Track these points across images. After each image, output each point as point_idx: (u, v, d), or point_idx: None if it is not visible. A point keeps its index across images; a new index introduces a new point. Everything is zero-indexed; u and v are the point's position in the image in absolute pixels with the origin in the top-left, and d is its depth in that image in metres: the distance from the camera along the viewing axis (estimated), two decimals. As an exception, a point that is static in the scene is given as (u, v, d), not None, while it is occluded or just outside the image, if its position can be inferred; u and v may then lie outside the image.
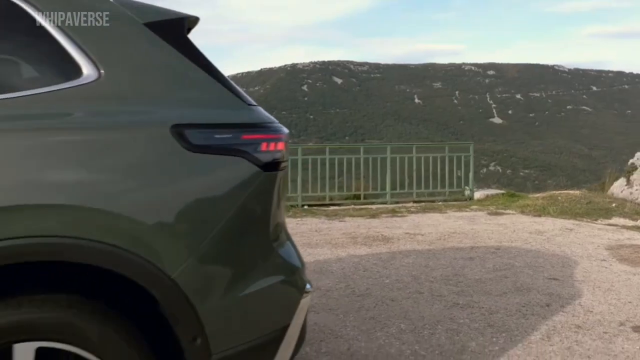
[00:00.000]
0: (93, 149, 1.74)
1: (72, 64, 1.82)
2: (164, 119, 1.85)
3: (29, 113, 1.70)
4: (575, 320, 3.77)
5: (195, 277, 1.80)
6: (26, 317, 1.62)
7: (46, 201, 1.62)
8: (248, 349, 1.93)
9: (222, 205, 1.90)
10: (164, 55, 1.99)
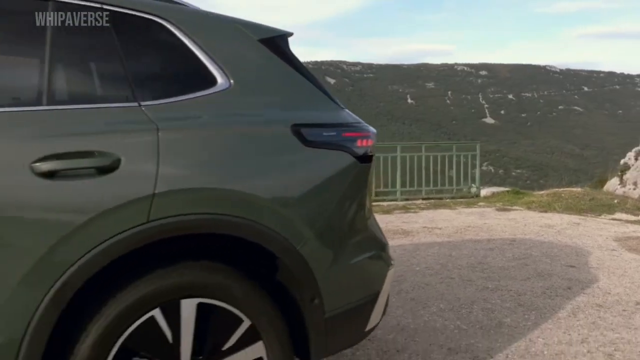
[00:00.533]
0: (236, 144, 2.14)
1: (209, 76, 2.23)
2: (285, 120, 2.26)
3: (188, 115, 2.10)
4: (595, 300, 4.19)
5: (313, 249, 2.21)
6: (190, 279, 2.02)
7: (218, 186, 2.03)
8: (351, 310, 2.34)
9: (331, 190, 2.31)
10: (276, 67, 2.40)
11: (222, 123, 2.18)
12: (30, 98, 1.95)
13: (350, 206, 2.38)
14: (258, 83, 2.33)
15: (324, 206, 2.28)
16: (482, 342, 3.43)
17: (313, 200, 2.26)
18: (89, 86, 2.09)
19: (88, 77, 2.11)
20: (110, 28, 2.11)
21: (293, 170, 2.24)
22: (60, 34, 2.02)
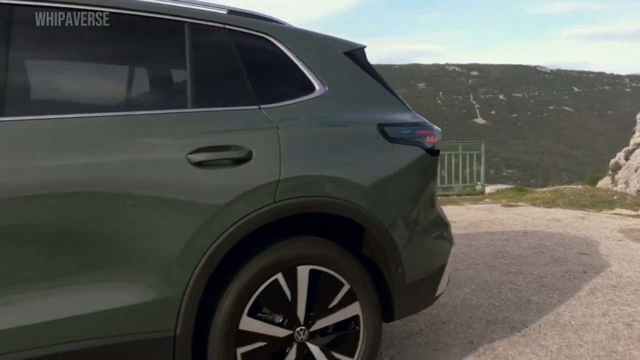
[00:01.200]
0: (336, 139, 2.61)
1: (309, 84, 2.69)
2: (372, 120, 2.73)
3: (297, 116, 2.57)
4: (610, 282, 4.69)
5: (397, 226, 2.68)
6: (304, 250, 2.48)
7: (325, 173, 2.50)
8: (425, 278, 2.82)
9: (409, 178, 2.79)
10: (359, 75, 2.87)
11: (323, 122, 2.64)
12: (181, 103, 2.40)
13: (424, 192, 2.86)
14: (347, 89, 2.80)
15: (404, 191, 2.76)
16: (515, 315, 3.91)
17: (396, 186, 2.73)
18: (220, 92, 2.54)
19: (219, 84, 2.56)
20: (232, 44, 2.57)
21: (381, 162, 2.71)
22: (196, 50, 2.48)
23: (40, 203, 2.03)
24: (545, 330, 3.62)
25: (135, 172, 2.18)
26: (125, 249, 2.14)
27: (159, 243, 2.19)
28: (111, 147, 2.17)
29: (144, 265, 2.17)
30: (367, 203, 2.58)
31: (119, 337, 2.13)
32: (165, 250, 2.20)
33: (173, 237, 2.21)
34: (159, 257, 2.19)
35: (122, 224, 2.14)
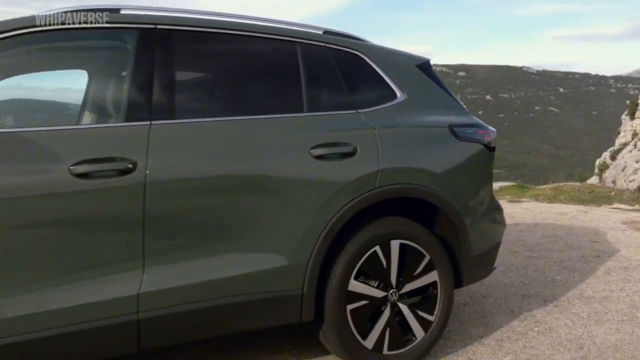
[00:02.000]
0: (417, 137, 3.20)
1: (391, 92, 3.27)
2: (444, 122, 3.32)
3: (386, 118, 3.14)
4: (622, 265, 5.31)
5: (465, 208, 3.26)
6: (396, 228, 3.06)
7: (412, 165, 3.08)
8: (485, 252, 3.41)
9: (474, 169, 3.38)
10: (429, 84, 3.46)
11: (406, 124, 3.23)
12: (300, 108, 2.97)
13: (485, 181, 3.45)
14: (421, 96, 3.38)
15: (470, 180, 3.35)
16: (544, 291, 4.51)
17: (464, 175, 3.32)
18: (327, 99, 3.11)
19: (325, 92, 3.12)
20: (332, 59, 3.15)
21: (452, 156, 3.29)
22: (307, 65, 3.06)
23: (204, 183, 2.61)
24: (573, 302, 4.23)
25: (272, 163, 2.75)
26: (267, 225, 2.72)
27: (290, 221, 2.77)
28: (256, 143, 2.74)
29: (281, 238, 2.74)
30: (443, 189, 3.17)
31: (265, 292, 2.71)
32: (295, 227, 2.78)
33: (301, 216, 2.79)
34: (291, 231, 2.77)
35: (265, 205, 2.71)
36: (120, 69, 2.75)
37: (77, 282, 2.36)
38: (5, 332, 2.21)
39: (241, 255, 2.69)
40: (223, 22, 2.93)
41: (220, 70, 2.96)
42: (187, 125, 2.66)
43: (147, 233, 2.46)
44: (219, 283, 2.63)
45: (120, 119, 2.58)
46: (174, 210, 2.55)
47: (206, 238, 2.62)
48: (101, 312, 2.38)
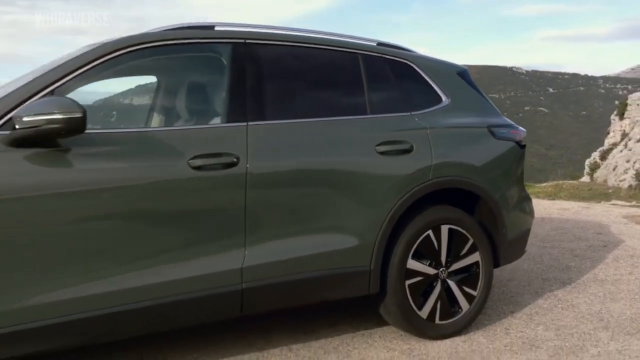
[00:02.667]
0: (460, 136, 3.68)
1: (436, 96, 3.76)
2: (483, 123, 3.81)
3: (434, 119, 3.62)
4: (628, 253, 5.82)
5: (502, 197, 3.75)
6: (446, 214, 3.55)
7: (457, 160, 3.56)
8: (518, 237, 3.90)
9: (509, 164, 3.87)
10: (469, 90, 3.94)
11: (451, 125, 3.70)
12: (364, 111, 3.45)
13: (518, 174, 3.94)
14: (463, 100, 3.86)
15: (506, 173, 3.84)
16: (561, 275, 5.01)
17: (501, 169, 3.81)
18: (384, 103, 3.59)
19: (383, 97, 3.60)
20: (388, 68, 3.63)
21: (491, 152, 3.78)
22: (368, 73, 3.53)
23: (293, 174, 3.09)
24: (588, 284, 4.73)
25: (345, 157, 3.23)
26: (342, 211, 3.19)
27: (361, 208, 3.25)
28: (332, 140, 3.22)
29: (353, 222, 3.22)
30: (484, 181, 3.65)
31: (340, 268, 3.19)
32: (365, 213, 3.25)
33: (370, 202, 3.27)
34: (361, 217, 3.24)
35: (340, 194, 3.19)
36: (218, 77, 3.21)
37: (193, 256, 2.82)
38: (145, 295, 2.68)
39: (321, 236, 3.16)
40: (299, 36, 3.41)
41: (298, 77, 3.43)
42: (276, 125, 3.13)
43: (248, 217, 2.93)
44: (304, 260, 3.10)
45: (223, 120, 3.04)
46: (269, 197, 3.02)
47: (294, 221, 3.09)
48: (213, 282, 2.85)
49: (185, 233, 2.81)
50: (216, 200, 2.89)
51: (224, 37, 3.19)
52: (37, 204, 2.50)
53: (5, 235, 2.43)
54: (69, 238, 2.57)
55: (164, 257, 2.77)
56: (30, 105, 2.49)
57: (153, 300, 2.73)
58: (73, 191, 2.57)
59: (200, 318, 2.96)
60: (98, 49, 2.83)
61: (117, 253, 2.66)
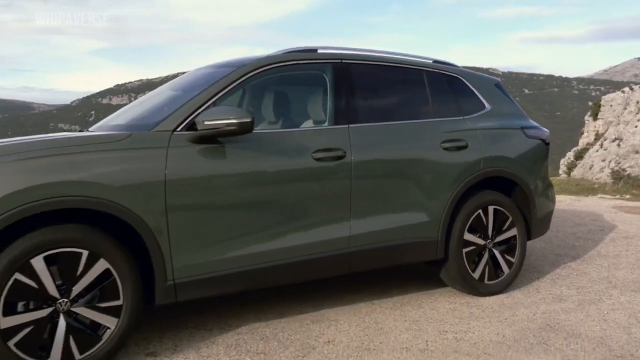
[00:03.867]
0: (501, 136, 4.63)
1: (481, 103, 4.71)
2: (517, 125, 4.77)
3: (482, 122, 4.57)
4: (622, 235, 6.84)
5: (533, 184, 4.71)
6: (490, 198, 4.50)
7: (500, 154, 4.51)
8: (544, 217, 4.87)
9: (537, 158, 4.83)
10: (504, 97, 4.90)
11: (494, 126, 4.64)
12: (429, 115, 4.38)
13: (544, 166, 4.91)
14: (500, 107, 4.81)
15: (535, 165, 4.79)
16: (570, 252, 6.00)
17: (532, 162, 4.76)
18: (443, 109, 4.51)
19: (442, 104, 4.53)
20: (444, 81, 4.57)
21: (524, 148, 4.72)
22: (430, 85, 4.47)
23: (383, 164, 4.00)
24: (594, 258, 5.72)
25: (420, 151, 4.16)
26: (418, 193, 4.12)
27: (431, 191, 4.17)
28: (410, 138, 4.15)
29: (425, 202, 4.15)
30: (521, 171, 4.60)
31: (414, 238, 4.11)
32: (434, 195, 4.18)
33: (437, 187, 4.19)
34: (432, 198, 4.17)
35: (417, 180, 4.11)
36: (323, 89, 4.10)
37: (316, 226, 3.73)
38: (298, 254, 3.60)
39: (402, 214, 4.08)
40: (380, 56, 4.34)
41: (381, 89, 4.34)
42: (368, 126, 4.04)
43: (352, 197, 3.84)
44: (390, 231, 4.02)
45: (330, 123, 3.95)
46: (367, 182, 3.93)
47: (383, 201, 4.00)
48: (330, 246, 3.75)
49: (312, 208, 3.72)
50: (331, 184, 3.79)
51: (325, 58, 4.10)
52: (213, 184, 3.38)
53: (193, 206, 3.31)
54: (237, 209, 3.46)
55: (296, 225, 3.66)
56: (209, 112, 3.36)
57: (293, 258, 3.62)
58: (238, 173, 3.46)
59: (325, 273, 3.88)
60: (242, 69, 3.72)
61: (266, 221, 3.56)
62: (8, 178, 2.87)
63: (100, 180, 3.04)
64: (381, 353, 3.33)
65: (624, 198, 11.53)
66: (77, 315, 3.01)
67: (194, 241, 3.31)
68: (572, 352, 3.35)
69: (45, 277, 2.92)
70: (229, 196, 3.44)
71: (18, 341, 2.85)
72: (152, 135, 3.32)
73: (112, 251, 3.08)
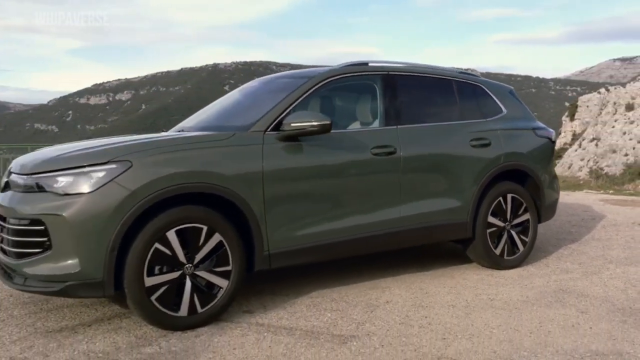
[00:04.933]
0: (516, 135, 5.51)
1: (499, 108, 5.58)
2: (529, 126, 5.66)
3: (501, 124, 5.44)
4: (611, 223, 7.77)
5: (542, 175, 5.59)
6: (509, 187, 5.37)
7: (516, 150, 5.39)
8: (551, 204, 5.77)
9: (546, 154, 5.72)
10: (517, 102, 5.79)
11: (510, 127, 5.51)
12: (457, 118, 5.23)
13: (551, 161, 5.80)
14: (515, 111, 5.69)
15: (544, 160, 5.68)
16: (568, 236, 6.90)
17: (541, 157, 5.64)
18: (469, 112, 5.37)
19: (468, 108, 5.38)
20: (470, 89, 5.44)
21: (535, 146, 5.60)
22: (459, 93, 5.33)
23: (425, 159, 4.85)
24: (589, 241, 6.63)
25: (453, 148, 5.02)
26: (452, 183, 4.97)
27: (463, 181, 5.03)
28: (446, 137, 5.01)
29: (457, 190, 5.00)
30: (533, 165, 5.48)
31: (449, 220, 4.96)
32: (465, 185, 5.03)
33: (467, 178, 5.05)
34: (463, 187, 5.02)
35: (451, 172, 4.97)
36: (374, 96, 4.92)
37: (374, 209, 4.56)
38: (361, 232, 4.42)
39: (439, 199, 4.93)
40: (418, 69, 5.19)
41: (420, 95, 5.18)
42: (412, 127, 4.88)
43: (401, 185, 4.68)
44: (430, 214, 4.86)
45: (381, 124, 4.78)
46: (412, 173, 4.77)
47: (424, 189, 4.85)
48: (384, 226, 4.59)
49: (372, 194, 4.55)
50: (385, 175, 4.62)
51: (375, 70, 4.94)
52: (297, 174, 4.20)
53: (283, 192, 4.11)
54: (314, 195, 4.28)
55: (360, 208, 4.49)
56: (295, 116, 4.17)
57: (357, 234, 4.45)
58: (316, 165, 4.28)
59: (380, 248, 4.76)
60: (313, 79, 4.53)
61: (337, 205, 4.39)
62: (154, 166, 3.67)
63: (218, 171, 3.85)
64: (433, 308, 4.17)
65: (608, 193, 12.53)
66: (199, 277, 3.77)
67: (284, 221, 4.13)
68: (583, 306, 4.22)
69: (177, 246, 3.68)
70: (308, 184, 4.26)
71: (157, 296, 3.62)
72: (250, 134, 4.13)
73: (224, 227, 3.87)
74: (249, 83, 5.52)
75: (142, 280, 3.58)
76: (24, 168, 3.83)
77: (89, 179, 3.56)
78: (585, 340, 3.57)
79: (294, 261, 4.25)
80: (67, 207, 3.49)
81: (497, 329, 3.76)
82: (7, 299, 4.42)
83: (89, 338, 3.61)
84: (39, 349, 3.43)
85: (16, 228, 3.64)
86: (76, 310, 4.15)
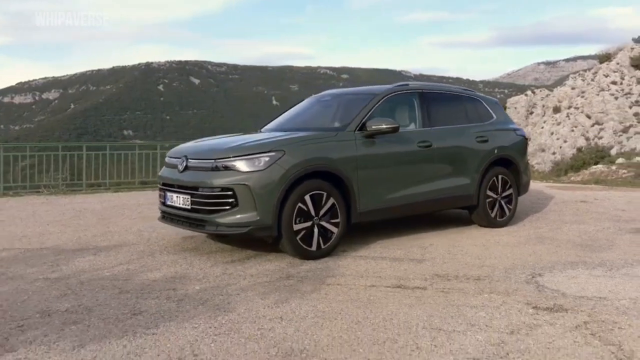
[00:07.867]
0: (505, 135, 7.89)
1: (490, 114, 7.95)
2: (512, 127, 8.09)
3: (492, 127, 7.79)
4: (560, 200, 10.28)
5: (522, 165, 7.99)
6: (500, 170, 7.75)
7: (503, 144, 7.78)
8: (525, 183, 8.21)
9: (522, 147, 8.14)
10: (502, 110, 8.19)
11: (499, 129, 7.87)
12: (464, 122, 7.55)
13: (526, 153, 8.21)
14: (502, 117, 8.06)
15: (522, 152, 8.09)
16: (531, 211, 9.31)
17: (520, 150, 8.04)
18: (473, 118, 7.67)
19: (473, 115, 7.68)
20: (472, 101, 7.79)
21: (516, 142, 7.98)
22: (467, 105, 7.67)
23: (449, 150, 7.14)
24: (548, 213, 9.08)
25: (465, 142, 7.33)
26: (463, 166, 7.27)
27: (471, 165, 7.34)
28: (460, 135, 7.32)
29: (468, 172, 7.30)
30: (515, 155, 7.85)
31: (463, 192, 7.26)
32: (473, 167, 7.34)
33: (474, 164, 7.35)
34: (471, 168, 7.33)
35: (463, 158, 7.28)
36: (414, 107, 7.15)
37: (421, 182, 6.81)
38: (411, 199, 6.67)
39: (455, 178, 7.19)
40: (441, 87, 7.52)
41: (443, 106, 7.45)
42: (440, 129, 7.15)
43: (435, 168, 6.96)
44: (447, 189, 7.11)
45: (419, 126, 7.03)
46: (441, 160, 7.04)
47: (446, 170, 7.13)
48: (427, 195, 6.84)
49: (419, 173, 6.80)
50: (426, 161, 6.88)
51: (414, 89, 7.20)
52: (375, 159, 6.39)
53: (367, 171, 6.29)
54: (386, 173, 6.48)
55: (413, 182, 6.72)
56: (374, 121, 6.34)
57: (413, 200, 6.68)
58: (387, 153, 6.49)
59: (424, 211, 7.08)
60: (379, 95, 6.76)
61: (400, 179, 6.61)
62: (297, 154, 5.78)
63: (332, 156, 6.01)
64: (463, 247, 6.43)
65: (549, 182, 15.26)
66: (322, 225, 5.89)
67: (369, 189, 6.29)
68: (556, 244, 6.59)
69: (310, 205, 5.75)
70: (381, 166, 6.47)
71: (300, 237, 5.72)
72: (347, 133, 6.29)
73: (335, 193, 6.02)
74: (321, 94, 7.71)
75: (292, 226, 5.68)
76: (206, 154, 5.89)
77: (260, 161, 5.64)
78: (562, 258, 5.91)
79: (374, 217, 6.45)
80: (249, 179, 5.56)
81: (509, 254, 6.07)
82: (192, 249, 6.42)
83: (258, 263, 5.68)
84: (231, 270, 5.50)
85: (209, 194, 5.66)
86: (234, 252, 6.21)
